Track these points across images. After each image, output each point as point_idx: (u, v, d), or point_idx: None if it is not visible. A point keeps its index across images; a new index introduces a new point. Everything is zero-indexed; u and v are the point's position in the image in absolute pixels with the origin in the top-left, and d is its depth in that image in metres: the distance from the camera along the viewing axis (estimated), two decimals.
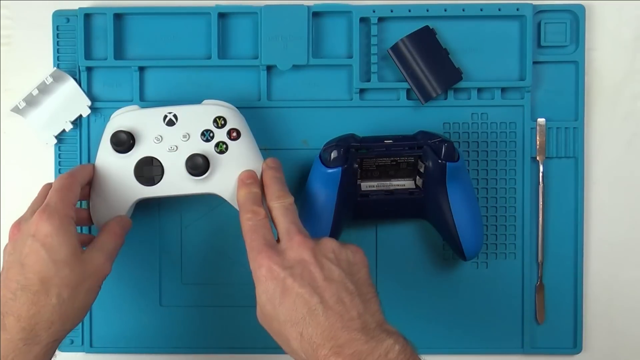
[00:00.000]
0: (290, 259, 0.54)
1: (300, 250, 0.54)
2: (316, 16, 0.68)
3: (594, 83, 0.69)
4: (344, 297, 0.53)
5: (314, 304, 0.52)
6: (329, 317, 0.52)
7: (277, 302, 0.53)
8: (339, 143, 0.62)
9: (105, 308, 0.69)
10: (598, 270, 0.70)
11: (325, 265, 0.54)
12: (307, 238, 0.56)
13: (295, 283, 0.53)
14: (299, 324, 0.52)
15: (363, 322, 0.52)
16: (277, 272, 0.54)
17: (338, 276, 0.54)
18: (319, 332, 0.51)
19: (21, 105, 0.68)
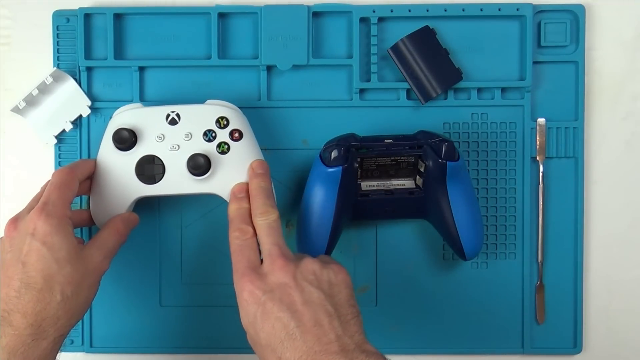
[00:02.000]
0: (270, 282, 0.55)
1: (281, 274, 0.55)
2: (316, 16, 0.68)
3: (594, 83, 0.69)
4: (322, 320, 0.53)
5: (291, 327, 0.52)
6: (307, 340, 0.52)
7: (258, 327, 0.54)
8: (339, 142, 0.62)
9: (105, 308, 0.69)
10: (598, 270, 0.70)
11: (305, 289, 0.54)
12: (288, 261, 0.56)
13: (275, 307, 0.53)
14: (277, 349, 0.52)
15: (341, 344, 0.52)
16: (257, 296, 0.54)
17: (317, 298, 0.54)
18: (297, 356, 0.51)
19: (21, 105, 0.68)
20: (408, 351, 0.69)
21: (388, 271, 0.69)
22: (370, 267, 0.69)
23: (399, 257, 0.69)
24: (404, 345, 0.69)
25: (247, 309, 0.55)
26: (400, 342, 0.69)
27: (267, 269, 0.56)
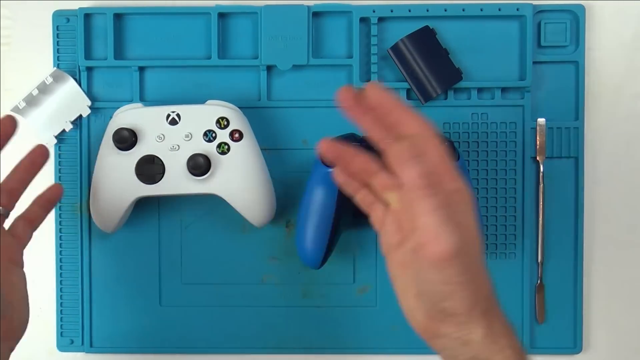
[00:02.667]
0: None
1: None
2: (316, 16, 0.68)
3: (594, 83, 0.69)
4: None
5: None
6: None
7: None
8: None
9: (105, 308, 0.69)
10: (598, 270, 0.70)
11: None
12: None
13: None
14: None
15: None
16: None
17: None
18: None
19: (21, 105, 0.68)
20: (408, 351, 0.69)
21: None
22: (370, 267, 0.69)
23: None
24: (404, 345, 0.69)
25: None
26: (400, 342, 0.69)
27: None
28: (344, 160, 0.52)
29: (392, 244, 0.51)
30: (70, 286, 0.69)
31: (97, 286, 0.69)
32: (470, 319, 0.48)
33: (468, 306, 0.48)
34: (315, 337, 0.69)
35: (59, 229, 0.69)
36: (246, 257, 0.69)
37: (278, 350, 0.70)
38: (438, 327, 0.49)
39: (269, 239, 0.69)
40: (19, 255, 0.58)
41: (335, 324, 0.69)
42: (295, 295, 0.69)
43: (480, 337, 0.48)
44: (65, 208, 0.69)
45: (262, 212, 0.65)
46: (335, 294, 0.69)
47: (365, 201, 0.54)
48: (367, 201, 0.54)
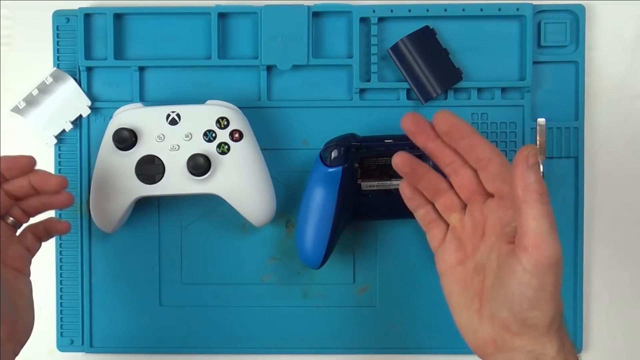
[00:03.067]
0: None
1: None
2: (316, 16, 0.68)
3: (594, 83, 0.69)
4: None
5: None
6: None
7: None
8: (339, 142, 0.62)
9: (105, 308, 0.69)
10: (598, 270, 0.70)
11: None
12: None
13: None
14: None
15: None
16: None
17: None
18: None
19: (21, 105, 0.68)
20: (408, 351, 0.69)
21: (388, 271, 0.69)
22: (370, 267, 0.69)
23: (399, 257, 0.69)
24: (404, 345, 0.69)
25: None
26: (400, 342, 0.69)
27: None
28: (417, 175, 0.55)
29: (450, 262, 0.54)
30: (70, 286, 0.69)
31: (97, 286, 0.69)
32: (548, 333, 0.49)
33: (550, 319, 0.49)
34: (315, 337, 0.69)
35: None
36: (246, 257, 0.69)
37: (278, 350, 0.70)
38: (512, 340, 0.50)
39: (269, 239, 0.69)
40: (26, 264, 0.59)
41: (335, 324, 0.69)
42: (295, 295, 0.69)
43: (555, 352, 0.50)
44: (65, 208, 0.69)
45: (262, 212, 0.65)
46: (335, 294, 0.69)
47: (426, 218, 0.57)
48: (427, 219, 0.57)
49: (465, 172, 0.53)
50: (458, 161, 0.53)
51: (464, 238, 0.54)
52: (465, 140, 0.51)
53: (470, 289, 0.53)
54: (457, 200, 0.55)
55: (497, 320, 0.50)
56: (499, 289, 0.50)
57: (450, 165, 0.53)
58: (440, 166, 0.54)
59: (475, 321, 0.52)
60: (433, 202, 0.56)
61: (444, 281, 0.55)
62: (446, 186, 0.55)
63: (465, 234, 0.54)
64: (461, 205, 0.54)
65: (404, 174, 0.55)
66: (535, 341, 0.49)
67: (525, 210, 0.48)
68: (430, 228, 0.57)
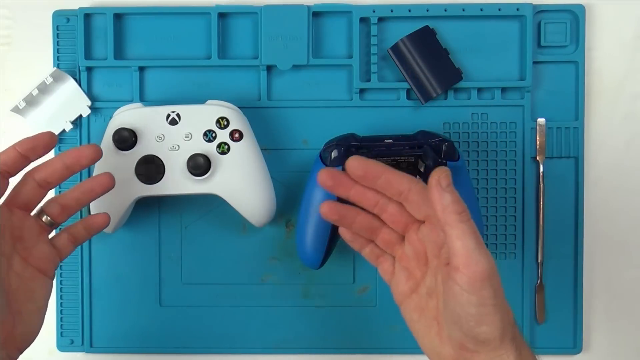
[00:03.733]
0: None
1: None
2: (316, 16, 0.68)
3: (594, 83, 0.69)
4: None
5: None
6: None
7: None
8: (339, 142, 0.62)
9: (105, 308, 0.69)
10: (598, 270, 0.70)
11: None
12: None
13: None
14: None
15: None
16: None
17: None
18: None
19: (21, 105, 0.68)
20: (408, 351, 0.69)
21: None
22: (370, 267, 0.68)
23: None
24: (404, 345, 0.69)
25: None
26: (400, 342, 0.69)
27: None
28: (348, 220, 0.56)
29: (404, 292, 0.55)
30: (70, 286, 0.69)
31: (97, 286, 0.69)
32: (503, 345, 0.50)
33: (500, 331, 0.49)
34: (315, 337, 0.69)
35: (59, 228, 0.69)
36: (246, 257, 0.69)
37: (278, 350, 0.70)
38: (472, 357, 0.51)
39: (269, 239, 0.69)
40: (52, 266, 0.58)
41: (335, 324, 0.69)
42: (295, 295, 0.69)
43: None
44: None
45: (262, 212, 0.65)
46: (335, 294, 0.69)
47: (372, 255, 0.58)
48: (374, 255, 0.58)
49: (392, 207, 0.54)
50: (382, 199, 0.54)
51: (410, 267, 0.55)
52: (381, 179, 0.52)
53: (427, 314, 0.54)
54: (394, 234, 0.56)
55: (453, 341, 0.51)
56: (445, 310, 0.51)
57: (376, 205, 0.54)
58: (368, 209, 0.55)
59: (437, 344, 0.53)
60: (373, 240, 0.57)
61: (403, 311, 0.56)
62: (379, 223, 0.56)
63: (411, 262, 0.55)
64: (399, 237, 0.56)
65: (335, 222, 0.56)
66: (492, 355, 0.50)
67: (448, 231, 0.49)
68: (379, 263, 0.58)
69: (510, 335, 0.50)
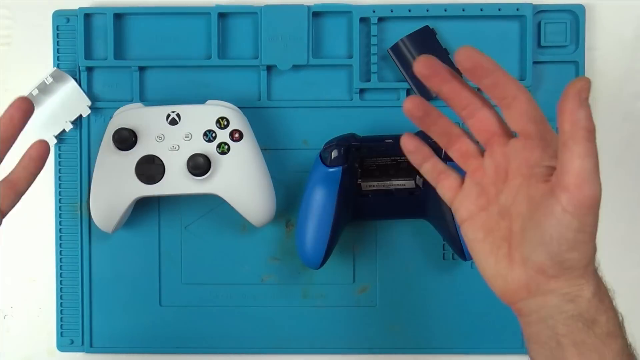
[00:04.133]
0: None
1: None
2: (316, 16, 0.68)
3: (594, 83, 0.69)
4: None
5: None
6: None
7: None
8: (339, 142, 0.62)
9: (105, 308, 0.69)
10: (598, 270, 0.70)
11: None
12: None
13: None
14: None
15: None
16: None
17: None
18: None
19: None
20: (408, 351, 0.69)
21: (388, 271, 0.69)
22: (370, 267, 0.69)
23: (399, 257, 0.69)
24: (404, 345, 0.69)
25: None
26: (400, 342, 0.69)
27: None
28: (430, 119, 0.52)
29: (472, 210, 0.51)
30: (70, 286, 0.69)
31: (97, 286, 0.69)
32: (585, 274, 0.48)
33: (587, 260, 0.47)
34: (315, 337, 0.69)
35: (59, 229, 0.69)
36: (246, 257, 0.69)
37: (278, 350, 0.70)
38: (547, 283, 0.48)
39: (269, 239, 0.69)
40: None
41: (335, 324, 0.69)
42: (295, 295, 0.69)
43: (591, 294, 0.48)
44: (65, 208, 0.69)
45: (262, 212, 0.65)
46: (335, 294, 0.69)
47: (434, 171, 0.53)
48: (436, 171, 0.53)
49: (483, 113, 0.50)
50: (475, 103, 0.50)
51: (485, 183, 0.51)
52: (489, 78, 0.48)
53: (496, 234, 0.50)
54: (473, 145, 0.51)
55: (531, 264, 0.48)
56: (534, 231, 0.47)
57: (467, 108, 0.50)
58: (456, 110, 0.51)
59: (504, 267, 0.49)
60: (447, 150, 0.53)
61: (466, 229, 0.52)
62: (460, 131, 0.52)
63: (487, 178, 0.50)
64: (478, 150, 0.51)
65: (416, 119, 0.52)
66: (572, 283, 0.48)
67: (571, 147, 0.45)
68: (440, 180, 0.53)
69: (593, 267, 0.48)
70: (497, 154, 0.50)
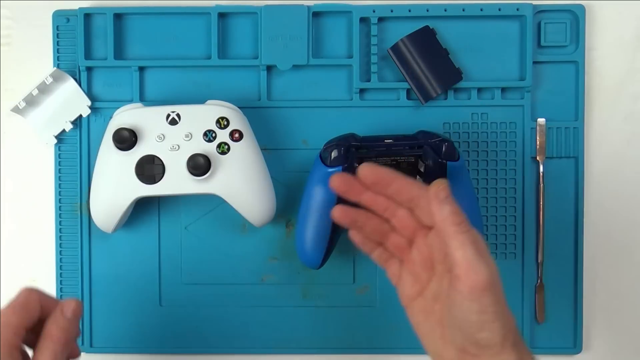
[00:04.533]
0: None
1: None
2: (316, 16, 0.68)
3: (594, 83, 0.69)
4: None
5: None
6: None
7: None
8: (339, 142, 0.62)
9: (105, 308, 0.69)
10: (598, 270, 0.70)
11: None
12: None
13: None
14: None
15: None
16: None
17: None
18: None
19: (21, 105, 0.68)
20: (408, 351, 0.69)
21: None
22: (370, 267, 0.69)
23: None
24: (404, 345, 0.69)
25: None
26: (400, 342, 0.69)
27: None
28: (359, 223, 0.56)
29: (411, 295, 0.56)
30: (70, 286, 0.69)
31: (97, 286, 0.69)
32: (503, 350, 0.50)
33: (501, 337, 0.50)
34: (315, 337, 0.69)
35: (59, 229, 0.69)
36: (246, 257, 0.69)
37: (278, 350, 0.70)
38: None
39: (269, 239, 0.69)
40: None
41: (335, 324, 0.69)
42: (295, 295, 0.69)
43: None
44: (65, 208, 0.69)
45: (262, 212, 0.65)
46: (335, 294, 0.69)
47: (381, 258, 0.58)
48: (383, 258, 0.58)
49: (401, 212, 0.55)
50: (392, 204, 0.55)
51: (417, 271, 0.56)
52: (392, 186, 0.54)
53: (431, 318, 0.54)
54: (403, 238, 0.56)
55: (455, 345, 0.52)
56: (448, 316, 0.52)
57: (387, 210, 0.55)
58: (378, 213, 0.56)
59: (440, 347, 0.53)
60: (383, 245, 0.58)
61: (409, 313, 0.56)
62: (389, 227, 0.56)
63: (417, 267, 0.55)
64: (407, 241, 0.56)
65: (347, 225, 0.57)
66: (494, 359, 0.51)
67: (448, 242, 0.50)
68: (387, 266, 0.58)
69: (512, 340, 0.51)
70: (421, 246, 0.55)
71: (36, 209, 0.70)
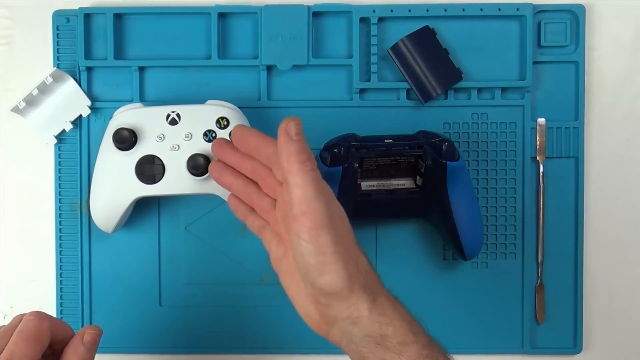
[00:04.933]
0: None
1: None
2: (316, 16, 0.68)
3: (594, 83, 0.69)
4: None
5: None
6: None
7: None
8: (339, 142, 0.62)
9: (105, 308, 0.69)
10: (598, 270, 0.70)
11: None
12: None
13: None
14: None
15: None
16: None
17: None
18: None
19: (21, 105, 0.68)
20: None
21: (388, 271, 0.69)
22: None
23: (399, 257, 0.69)
24: None
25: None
26: None
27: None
28: (227, 180, 0.58)
29: (277, 258, 0.55)
30: (70, 286, 0.69)
31: (97, 286, 0.69)
32: (352, 294, 0.49)
33: (345, 280, 0.49)
34: (315, 337, 0.69)
35: (59, 229, 0.69)
36: (246, 257, 0.69)
37: (278, 350, 0.70)
38: (328, 311, 0.50)
39: None
40: None
41: None
42: None
43: (368, 311, 0.49)
44: (65, 208, 0.69)
45: None
46: None
47: (255, 225, 0.58)
48: (256, 225, 0.58)
49: (263, 171, 0.56)
50: (258, 165, 0.55)
51: (280, 232, 0.55)
52: (251, 144, 0.54)
53: (295, 277, 0.53)
54: (268, 199, 0.56)
55: (311, 297, 0.51)
56: (297, 267, 0.50)
57: (253, 172, 0.56)
58: (248, 175, 0.57)
59: (305, 305, 0.53)
60: (254, 208, 0.58)
61: (280, 278, 0.56)
62: (256, 189, 0.57)
63: (280, 227, 0.55)
64: (272, 202, 0.56)
65: (216, 180, 0.59)
66: (345, 306, 0.49)
67: (290, 179, 0.49)
68: (261, 234, 0.58)
69: (361, 283, 0.49)
70: (280, 204, 0.54)
71: (36, 209, 0.70)
